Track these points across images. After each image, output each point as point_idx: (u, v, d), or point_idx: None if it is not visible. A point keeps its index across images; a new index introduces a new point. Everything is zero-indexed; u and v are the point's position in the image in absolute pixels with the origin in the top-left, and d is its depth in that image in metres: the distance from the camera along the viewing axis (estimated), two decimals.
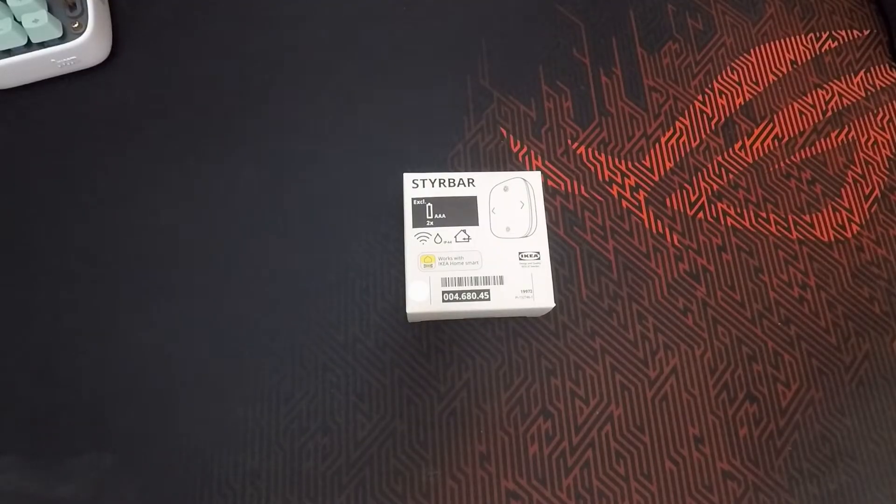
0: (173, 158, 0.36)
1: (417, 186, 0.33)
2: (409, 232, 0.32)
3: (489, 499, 0.31)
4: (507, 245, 0.32)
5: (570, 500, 0.31)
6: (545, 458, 0.31)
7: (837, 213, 0.36)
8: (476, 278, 0.31)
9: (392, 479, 0.31)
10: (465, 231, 0.32)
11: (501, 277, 0.31)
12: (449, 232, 0.32)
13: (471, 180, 0.33)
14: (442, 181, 0.33)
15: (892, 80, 0.39)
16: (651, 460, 0.32)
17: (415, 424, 0.32)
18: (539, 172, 0.34)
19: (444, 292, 0.31)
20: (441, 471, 0.31)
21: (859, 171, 0.37)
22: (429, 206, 0.33)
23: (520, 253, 0.32)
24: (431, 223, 0.32)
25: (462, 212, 0.33)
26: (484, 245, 0.32)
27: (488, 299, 0.31)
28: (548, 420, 0.32)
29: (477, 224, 0.33)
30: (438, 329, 0.33)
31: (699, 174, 0.37)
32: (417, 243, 0.32)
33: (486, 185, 0.33)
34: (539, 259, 0.32)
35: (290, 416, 0.32)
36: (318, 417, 0.32)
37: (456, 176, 0.33)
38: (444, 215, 0.33)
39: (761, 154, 0.37)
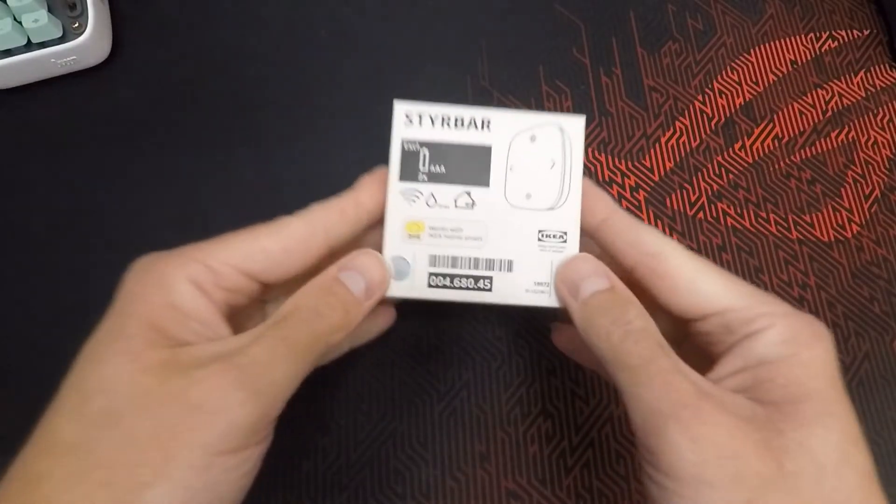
0: (174, 158, 0.36)
1: (412, 123, 0.24)
2: (394, 186, 0.24)
3: (489, 499, 0.31)
4: (524, 218, 0.24)
5: (570, 500, 0.31)
6: (545, 458, 0.31)
7: (837, 213, 0.36)
8: (476, 260, 0.24)
9: (392, 479, 0.31)
10: (469, 194, 0.24)
11: (510, 263, 0.24)
12: (447, 192, 0.24)
13: (486, 122, 0.24)
14: (447, 119, 0.24)
15: (892, 80, 0.39)
16: None
17: (415, 424, 0.32)
18: (582, 118, 0.24)
19: (431, 275, 0.24)
20: (441, 471, 0.31)
21: (859, 171, 0.37)
22: (424, 154, 0.24)
23: (540, 231, 0.24)
24: (425, 177, 0.24)
25: (469, 166, 0.24)
26: (493, 215, 0.24)
27: (489, 289, 0.24)
28: (548, 420, 0.32)
29: (487, 185, 0.24)
30: (438, 329, 0.33)
31: (699, 174, 0.37)
32: (403, 203, 0.24)
33: (506, 131, 0.24)
34: (565, 242, 0.24)
35: (290, 415, 0.32)
36: (317, 417, 0.32)
37: (466, 113, 0.24)
38: (443, 168, 0.24)
39: (761, 154, 0.37)
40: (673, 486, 0.19)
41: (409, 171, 0.24)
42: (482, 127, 0.24)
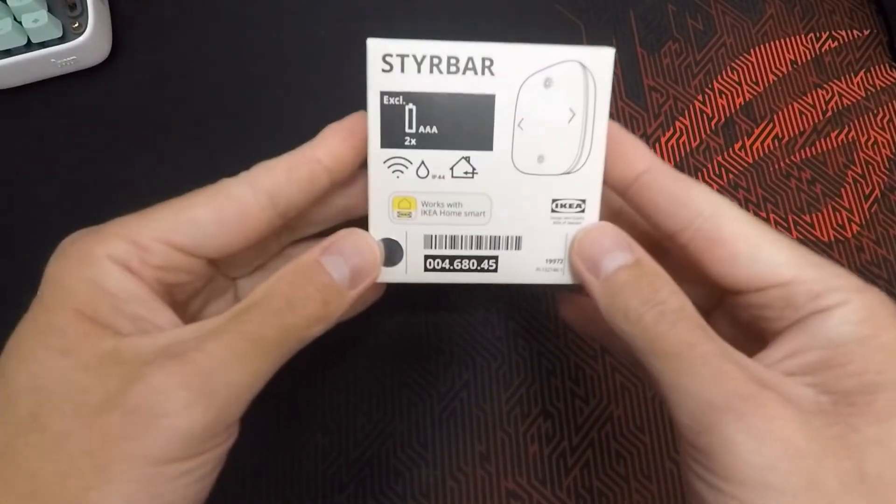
0: (174, 158, 0.36)
1: (392, 69, 0.20)
2: (376, 154, 0.20)
3: (489, 499, 0.31)
4: (535, 187, 0.20)
5: (570, 500, 0.31)
6: (545, 458, 0.31)
7: (837, 213, 0.36)
8: (479, 238, 0.21)
9: (392, 479, 0.31)
10: (468, 160, 0.20)
11: (519, 239, 0.21)
12: (442, 159, 0.20)
13: (488, 63, 0.19)
14: (437, 61, 0.19)
15: (892, 80, 0.39)
16: (651, 460, 0.32)
17: (415, 424, 0.32)
18: (611, 51, 0.20)
19: (427, 257, 0.21)
20: (441, 471, 0.31)
21: (859, 171, 0.37)
22: (410, 110, 0.20)
23: (554, 201, 0.20)
24: (413, 142, 0.20)
25: (467, 123, 0.20)
26: (498, 185, 0.20)
27: (494, 270, 0.21)
28: (548, 420, 0.32)
29: (490, 148, 0.20)
30: (438, 329, 0.33)
31: (699, 174, 0.37)
32: (388, 175, 0.20)
33: (513, 74, 0.19)
34: (583, 212, 0.20)
35: (290, 415, 0.32)
36: (317, 417, 0.32)
37: (463, 50, 0.19)
38: (434, 128, 0.20)
39: (761, 154, 0.37)
40: (732, 491, 0.16)
41: (393, 135, 0.20)
42: (483, 70, 0.19)
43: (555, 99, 0.20)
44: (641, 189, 0.20)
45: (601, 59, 0.19)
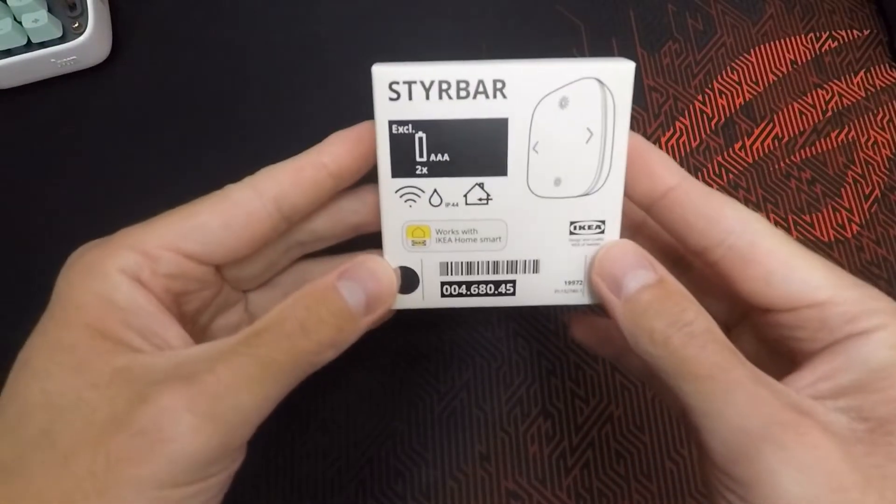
0: (174, 158, 0.36)
1: (400, 97, 0.19)
2: (387, 184, 0.19)
3: (489, 499, 0.31)
4: (552, 210, 0.20)
5: (570, 500, 0.31)
6: (545, 458, 0.31)
7: (837, 213, 0.36)
8: (496, 263, 0.20)
9: (392, 479, 0.31)
10: (482, 186, 0.19)
11: (536, 263, 0.20)
12: (455, 187, 0.19)
13: (499, 85, 0.19)
14: (446, 86, 0.19)
15: (892, 80, 0.39)
16: (651, 460, 0.32)
17: (415, 424, 0.32)
18: (631, 65, 0.19)
19: (444, 284, 0.20)
20: (441, 471, 0.31)
21: (859, 171, 0.37)
22: (420, 139, 0.19)
23: (573, 223, 0.20)
24: (425, 170, 0.19)
25: (480, 149, 0.19)
26: (514, 211, 0.20)
27: (511, 293, 0.21)
28: (548, 420, 0.32)
29: (504, 174, 0.19)
30: (438, 329, 0.33)
31: (699, 174, 0.37)
32: (401, 205, 0.20)
33: (527, 96, 0.19)
34: (602, 233, 0.20)
35: (290, 415, 0.32)
36: (317, 417, 0.32)
37: (472, 73, 0.19)
38: (446, 156, 0.19)
39: (761, 154, 0.37)
40: None
41: (404, 164, 0.19)
42: (495, 93, 0.19)
43: (571, 119, 0.19)
44: (670, 205, 0.20)
45: (620, 75, 0.18)
